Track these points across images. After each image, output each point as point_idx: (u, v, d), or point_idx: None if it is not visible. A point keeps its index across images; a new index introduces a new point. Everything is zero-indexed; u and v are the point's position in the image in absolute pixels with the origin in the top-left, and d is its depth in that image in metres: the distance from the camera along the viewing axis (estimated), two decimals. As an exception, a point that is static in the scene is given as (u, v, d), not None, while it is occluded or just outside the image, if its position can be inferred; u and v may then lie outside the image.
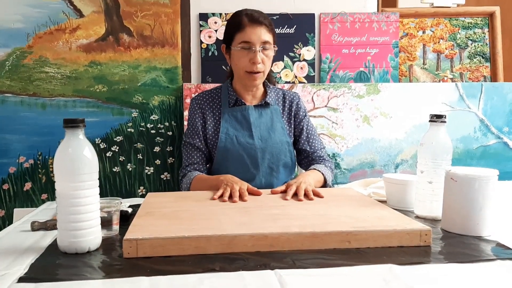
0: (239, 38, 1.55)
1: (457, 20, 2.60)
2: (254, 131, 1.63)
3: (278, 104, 1.70)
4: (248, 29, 1.54)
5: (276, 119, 1.67)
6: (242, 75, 1.59)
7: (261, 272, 0.85)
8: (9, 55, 2.29)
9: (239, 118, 1.63)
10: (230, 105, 1.64)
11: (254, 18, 1.55)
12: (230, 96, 1.65)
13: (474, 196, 1.08)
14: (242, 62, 1.56)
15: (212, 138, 1.64)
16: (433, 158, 1.24)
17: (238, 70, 1.59)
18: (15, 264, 0.90)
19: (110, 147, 2.38)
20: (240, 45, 1.55)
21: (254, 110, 1.65)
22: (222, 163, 1.62)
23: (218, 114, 1.65)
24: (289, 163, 1.68)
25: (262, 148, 1.62)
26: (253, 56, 1.54)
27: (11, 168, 2.32)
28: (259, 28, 1.54)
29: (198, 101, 1.68)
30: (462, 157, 2.45)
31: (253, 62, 1.54)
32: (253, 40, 1.53)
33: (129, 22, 2.36)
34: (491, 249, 1.00)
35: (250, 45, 1.54)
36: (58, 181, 0.96)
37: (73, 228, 0.96)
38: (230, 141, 1.61)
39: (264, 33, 1.55)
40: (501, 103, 2.49)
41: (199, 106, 1.67)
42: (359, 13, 2.49)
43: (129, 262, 0.91)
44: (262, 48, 1.55)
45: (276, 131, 1.65)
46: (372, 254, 0.95)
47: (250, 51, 1.54)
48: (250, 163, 1.61)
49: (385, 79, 2.51)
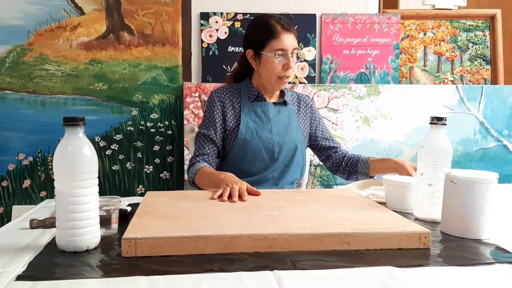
0: (274, 45, 1.59)
1: (458, 23, 2.60)
2: (273, 127, 1.67)
3: (293, 105, 1.77)
4: (283, 36, 1.59)
5: (293, 118, 1.73)
6: (274, 80, 1.64)
7: (260, 273, 0.85)
8: (9, 52, 2.29)
9: (259, 113, 1.68)
10: (251, 100, 1.69)
11: (287, 25, 1.61)
12: (251, 91, 1.70)
13: (474, 199, 1.08)
14: (276, 67, 1.61)
15: (231, 131, 1.67)
16: (433, 160, 1.23)
17: (270, 76, 1.63)
18: (13, 262, 0.90)
19: (109, 145, 2.38)
20: (275, 51, 1.59)
21: (273, 107, 1.70)
22: (239, 154, 1.65)
23: (238, 108, 1.69)
24: (301, 161, 1.72)
25: (280, 144, 1.66)
26: (288, 62, 1.60)
27: (10, 165, 2.32)
28: (291, 36, 1.61)
29: (218, 94, 1.71)
30: (461, 160, 2.45)
31: (286, 68, 1.60)
32: (288, 47, 1.59)
33: (130, 20, 2.36)
34: (490, 252, 0.99)
35: (285, 51, 1.59)
36: (58, 179, 0.96)
37: (72, 226, 0.95)
38: (250, 134, 1.64)
39: (294, 40, 1.62)
40: (501, 106, 2.49)
41: (219, 99, 1.70)
42: (360, 14, 2.49)
43: (128, 261, 0.90)
44: (294, 55, 1.62)
45: (292, 129, 1.70)
46: (371, 256, 0.94)
47: (284, 58, 1.60)
48: (267, 157, 1.65)
49: (385, 81, 2.51)
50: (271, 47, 1.60)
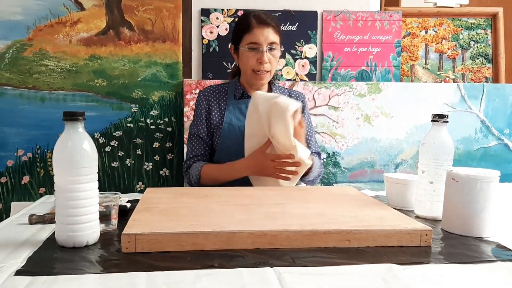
0: (247, 39, 1.61)
1: (460, 21, 2.59)
2: None
3: None
4: (256, 30, 1.60)
5: None
6: (250, 74, 1.65)
7: (260, 270, 0.85)
8: (8, 47, 2.28)
9: (243, 110, 1.68)
10: (236, 98, 1.70)
11: (262, 19, 1.61)
12: (237, 89, 1.71)
13: (475, 197, 1.07)
14: (250, 62, 1.62)
15: (216, 129, 1.68)
16: (435, 158, 1.23)
17: (246, 70, 1.65)
18: (12, 257, 0.90)
19: (109, 142, 2.37)
20: (248, 45, 1.61)
21: None
22: (224, 152, 1.65)
23: (224, 106, 1.70)
24: None
25: None
26: (260, 56, 1.60)
27: (9, 161, 2.31)
28: (266, 29, 1.60)
29: (205, 93, 1.73)
30: (462, 158, 2.45)
31: (260, 62, 1.60)
32: (260, 41, 1.59)
33: (130, 16, 2.35)
34: (491, 250, 0.99)
35: (258, 45, 1.60)
36: (57, 174, 0.95)
37: (71, 222, 0.95)
38: (233, 131, 1.65)
39: (271, 34, 1.61)
40: (502, 104, 2.48)
41: (206, 98, 1.72)
42: (362, 12, 2.48)
43: (127, 257, 0.90)
44: (269, 49, 1.61)
45: None
46: (372, 254, 0.94)
47: (257, 52, 1.60)
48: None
49: (386, 79, 2.50)
50: (245, 41, 1.62)
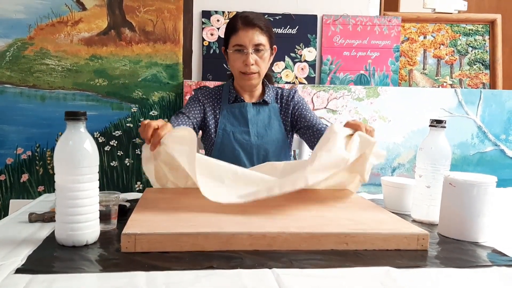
0: (233, 41, 1.62)
1: (458, 27, 2.61)
2: (251, 128, 1.68)
3: (277, 102, 1.76)
4: (241, 32, 1.60)
5: (274, 116, 1.72)
6: (238, 76, 1.66)
7: (259, 271, 0.85)
8: (10, 46, 2.29)
9: (237, 114, 1.69)
10: (230, 102, 1.70)
11: (247, 20, 1.60)
12: (231, 93, 1.71)
13: (472, 202, 1.08)
14: (237, 63, 1.63)
15: (210, 133, 1.69)
16: (432, 162, 1.24)
17: (234, 71, 1.67)
18: (12, 255, 0.90)
19: (108, 141, 2.37)
20: (234, 47, 1.62)
21: (252, 107, 1.70)
22: (219, 157, 1.62)
23: (218, 110, 1.70)
24: (283, 159, 1.70)
25: (258, 145, 1.67)
26: (246, 58, 1.60)
27: (9, 159, 2.31)
28: (251, 31, 1.59)
29: (202, 93, 1.73)
30: (458, 163, 2.46)
31: (245, 64, 1.61)
32: (245, 43, 1.59)
33: (132, 17, 2.36)
34: (487, 255, 1.00)
35: (243, 47, 1.60)
36: (58, 173, 0.96)
37: (71, 220, 0.95)
38: (227, 137, 1.66)
39: (256, 35, 1.60)
40: (499, 110, 2.50)
41: (203, 97, 1.71)
42: (361, 16, 2.49)
43: (126, 256, 0.91)
44: (254, 50, 1.60)
45: (272, 129, 1.70)
46: (369, 257, 0.95)
47: (242, 53, 1.61)
48: (246, 159, 1.66)
49: (385, 83, 2.51)
50: (231, 43, 1.63)
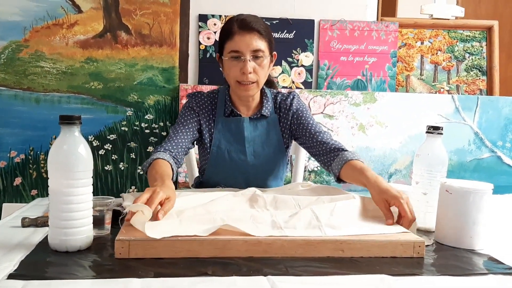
0: (229, 47, 1.43)
1: (456, 33, 2.62)
2: (247, 147, 1.54)
3: (275, 111, 1.59)
4: (237, 37, 1.41)
5: (272, 131, 1.57)
6: (234, 86, 1.48)
7: (254, 278, 0.85)
8: (4, 48, 2.28)
9: (233, 131, 1.54)
10: (226, 115, 1.55)
11: (244, 24, 1.42)
12: (226, 105, 1.55)
13: (468, 209, 1.08)
14: (233, 72, 1.44)
15: (204, 146, 1.56)
16: (429, 169, 1.24)
17: (230, 80, 1.48)
18: (5, 260, 0.89)
19: (103, 145, 2.36)
20: (229, 54, 1.43)
21: (249, 123, 1.55)
22: (213, 175, 1.56)
23: (212, 122, 1.56)
24: (281, 175, 1.62)
25: (255, 165, 1.54)
26: (243, 66, 1.41)
27: (2, 162, 2.30)
28: (248, 36, 1.41)
29: (196, 103, 1.56)
30: (455, 170, 2.46)
31: (243, 72, 1.42)
32: (242, 49, 1.41)
33: (128, 20, 2.35)
34: (483, 262, 1.00)
35: (239, 54, 1.41)
36: (52, 178, 0.95)
37: (64, 226, 0.94)
38: (222, 156, 1.53)
39: (255, 40, 1.42)
40: (496, 117, 2.50)
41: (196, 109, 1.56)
42: (358, 21, 2.49)
43: (121, 262, 0.90)
44: (252, 57, 1.42)
45: (271, 145, 1.57)
46: (365, 264, 0.94)
47: (239, 61, 1.42)
48: (242, 179, 1.53)
49: (382, 88, 2.51)
50: (227, 50, 1.44)
